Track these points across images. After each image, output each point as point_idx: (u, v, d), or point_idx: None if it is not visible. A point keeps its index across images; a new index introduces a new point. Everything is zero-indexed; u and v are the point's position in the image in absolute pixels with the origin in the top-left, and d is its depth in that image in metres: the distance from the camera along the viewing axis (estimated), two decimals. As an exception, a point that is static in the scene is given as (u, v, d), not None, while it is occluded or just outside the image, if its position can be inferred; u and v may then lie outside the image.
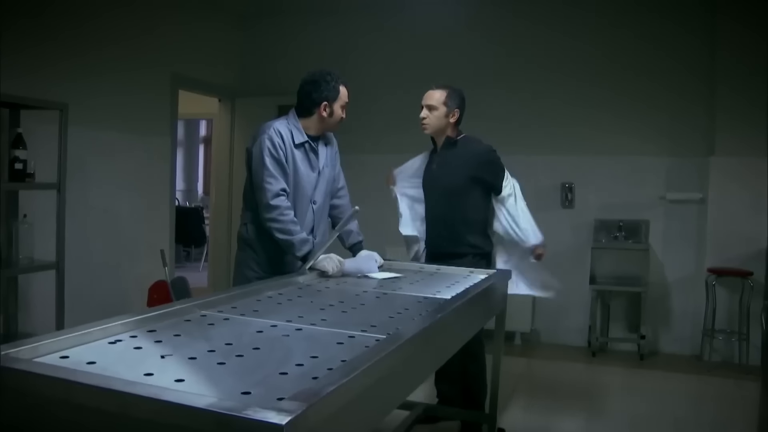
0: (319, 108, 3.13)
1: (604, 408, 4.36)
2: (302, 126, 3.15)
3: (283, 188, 3.02)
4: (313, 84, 3.12)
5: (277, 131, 3.05)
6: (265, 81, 6.68)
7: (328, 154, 3.33)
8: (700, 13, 5.46)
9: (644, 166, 5.65)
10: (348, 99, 3.23)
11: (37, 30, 4.37)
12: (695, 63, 5.50)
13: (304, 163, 3.16)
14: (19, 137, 3.89)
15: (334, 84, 3.13)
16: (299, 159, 3.13)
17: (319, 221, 3.27)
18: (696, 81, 5.49)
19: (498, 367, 3.37)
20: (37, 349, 1.55)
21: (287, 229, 2.97)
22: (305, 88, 3.14)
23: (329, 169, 3.33)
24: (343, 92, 3.18)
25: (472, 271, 3.32)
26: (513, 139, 5.96)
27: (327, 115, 3.15)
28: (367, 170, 6.42)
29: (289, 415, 1.13)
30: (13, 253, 4.07)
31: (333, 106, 3.15)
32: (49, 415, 1.33)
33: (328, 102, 3.13)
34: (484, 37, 6.05)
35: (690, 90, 5.51)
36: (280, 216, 2.97)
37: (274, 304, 2.33)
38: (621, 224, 5.60)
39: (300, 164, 3.13)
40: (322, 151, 3.28)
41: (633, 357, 5.47)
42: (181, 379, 1.42)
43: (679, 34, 5.53)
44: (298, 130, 3.14)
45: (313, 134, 3.20)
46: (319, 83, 3.11)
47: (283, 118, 3.19)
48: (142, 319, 1.89)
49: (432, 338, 1.99)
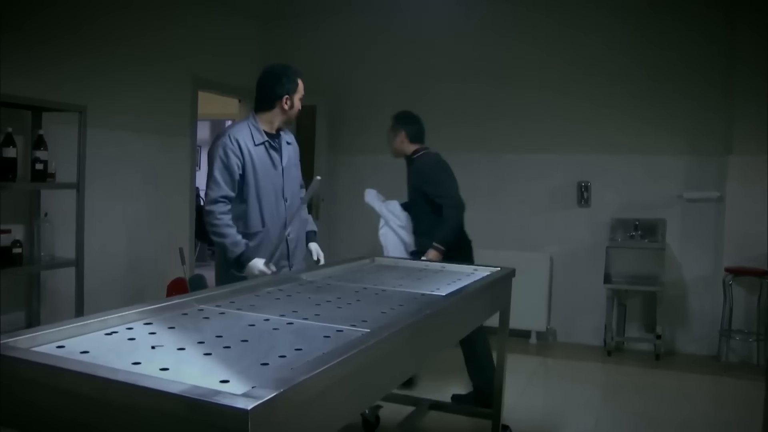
0: (281, 101, 3.27)
1: (617, 408, 4.37)
2: (263, 121, 3.29)
3: (223, 195, 3.15)
4: (274, 78, 3.28)
5: (233, 137, 3.18)
6: (285, 82, 6.76)
7: (291, 152, 3.43)
8: (719, 12, 5.42)
9: (661, 165, 5.63)
10: (303, 92, 3.34)
11: (58, 33, 4.51)
12: (713, 61, 5.46)
13: (265, 162, 3.26)
14: (40, 138, 4.02)
15: (294, 77, 3.28)
16: (258, 159, 3.23)
17: (293, 218, 3.33)
18: (714, 79, 5.46)
19: (503, 364, 3.40)
20: (35, 338, 1.64)
21: (220, 232, 3.12)
22: (267, 81, 3.30)
23: (295, 167, 3.46)
24: (300, 85, 3.31)
25: (476, 268, 3.36)
26: (529, 139, 6.00)
27: (288, 107, 3.29)
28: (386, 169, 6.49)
29: (255, 401, 1.19)
30: (35, 251, 4.21)
31: (293, 99, 3.29)
32: (41, 399, 1.42)
33: (289, 95, 3.27)
34: (499, 37, 6.07)
35: (708, 88, 5.48)
36: (214, 220, 3.12)
37: (272, 300, 2.40)
38: (637, 223, 5.59)
39: (259, 164, 3.23)
40: (285, 149, 3.39)
41: (649, 357, 5.45)
42: (166, 368, 1.48)
43: (697, 33, 5.50)
44: (258, 130, 3.26)
45: (273, 130, 3.32)
46: (280, 77, 3.27)
47: (244, 120, 3.33)
48: (140, 311, 1.97)
49: (418, 334, 2.04)
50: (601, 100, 5.77)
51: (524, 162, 6.03)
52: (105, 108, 4.78)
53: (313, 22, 6.75)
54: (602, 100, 5.76)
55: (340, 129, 6.66)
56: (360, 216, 6.53)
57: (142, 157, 5.31)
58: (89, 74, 4.73)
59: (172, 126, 5.71)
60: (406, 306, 2.35)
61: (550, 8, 5.88)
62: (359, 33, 6.60)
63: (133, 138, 5.19)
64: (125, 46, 5.07)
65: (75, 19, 4.64)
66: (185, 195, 5.91)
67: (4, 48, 4.10)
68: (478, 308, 2.89)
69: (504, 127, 6.09)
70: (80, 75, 4.65)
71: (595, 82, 5.77)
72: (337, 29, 6.67)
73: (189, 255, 5.77)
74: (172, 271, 5.14)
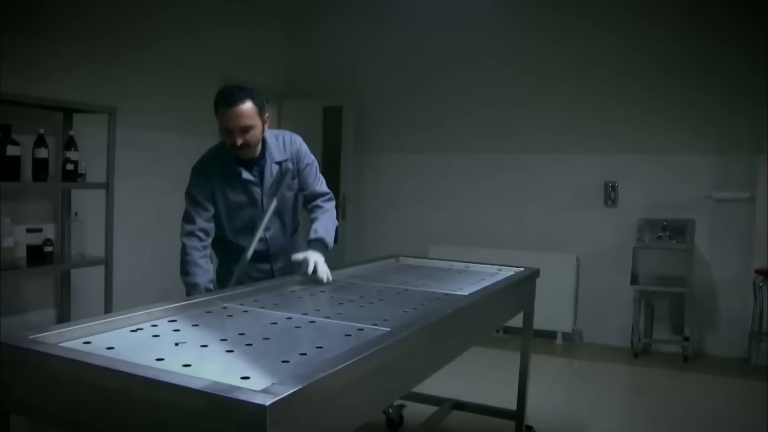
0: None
1: (643, 410, 4.32)
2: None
3: (194, 228, 2.77)
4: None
5: (201, 168, 2.87)
6: (312, 83, 6.82)
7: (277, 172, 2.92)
8: (750, 9, 5.33)
9: (690, 165, 5.55)
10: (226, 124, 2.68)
11: (88, 37, 4.59)
12: (743, 59, 5.36)
13: (236, 192, 2.86)
14: (71, 139, 4.10)
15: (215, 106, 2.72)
16: (229, 190, 2.85)
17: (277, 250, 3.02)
18: (744, 77, 5.36)
19: (526, 365, 3.39)
20: (63, 334, 1.69)
21: (184, 269, 2.75)
22: None
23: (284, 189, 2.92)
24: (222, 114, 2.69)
25: (500, 268, 3.36)
26: (554, 139, 5.97)
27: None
28: (411, 169, 6.52)
29: (273, 397, 1.21)
30: (66, 250, 4.30)
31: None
32: (67, 392, 1.46)
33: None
34: (525, 36, 6.05)
35: (738, 86, 5.38)
36: (184, 255, 2.76)
37: (296, 298, 2.42)
38: (665, 224, 5.52)
39: (230, 196, 2.86)
40: (267, 172, 2.89)
41: (677, 359, 5.38)
42: (188, 365, 1.52)
43: (726, 30, 5.40)
44: (228, 156, 2.83)
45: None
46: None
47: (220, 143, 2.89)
48: (165, 309, 2.01)
49: (439, 333, 2.05)
50: (629, 100, 5.70)
51: (550, 162, 6.00)
52: (133, 109, 4.85)
53: (338, 23, 6.78)
54: (630, 100, 5.70)
55: (365, 129, 6.68)
56: (385, 216, 6.58)
57: (170, 157, 5.37)
58: (118, 76, 4.81)
59: (200, 126, 5.76)
60: (428, 305, 2.36)
61: (576, 6, 5.83)
62: (384, 33, 6.62)
63: (161, 138, 5.26)
64: (153, 48, 5.14)
65: (104, 23, 4.72)
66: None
67: (35, 52, 4.19)
68: (501, 308, 2.89)
69: (530, 127, 6.07)
70: (109, 76, 4.73)
71: (623, 82, 5.71)
72: (362, 30, 6.69)
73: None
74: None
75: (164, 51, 5.26)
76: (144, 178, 5.08)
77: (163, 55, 5.24)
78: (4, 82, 3.87)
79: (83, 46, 4.54)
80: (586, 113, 5.85)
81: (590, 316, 5.88)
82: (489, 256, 5.09)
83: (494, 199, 6.24)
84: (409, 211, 6.55)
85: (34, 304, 4.31)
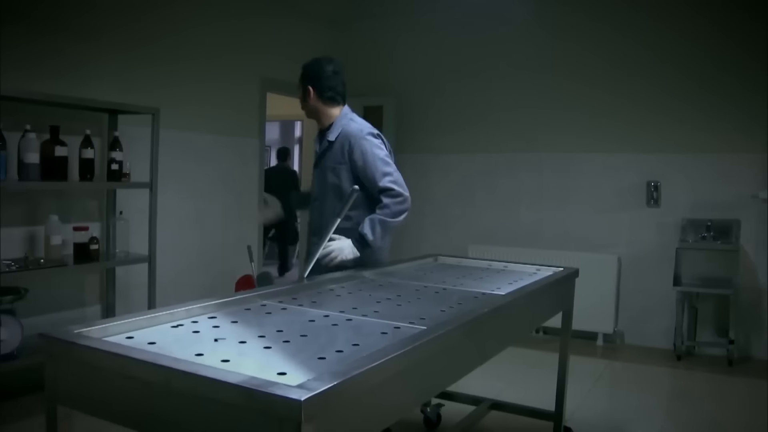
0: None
1: (685, 414, 4.25)
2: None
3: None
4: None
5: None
6: (352, 83, 6.78)
7: (330, 149, 3.14)
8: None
9: (736, 164, 5.42)
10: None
11: (133, 40, 4.69)
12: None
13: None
14: (116, 140, 4.19)
15: None
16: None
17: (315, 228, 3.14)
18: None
19: (565, 365, 3.36)
20: (107, 329, 1.73)
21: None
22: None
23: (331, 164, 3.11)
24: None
25: (539, 268, 3.34)
26: (596, 138, 5.90)
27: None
28: (452, 168, 6.51)
29: (308, 393, 1.23)
30: (111, 248, 4.40)
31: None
32: (110, 385, 1.51)
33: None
34: (567, 34, 5.99)
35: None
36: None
37: (333, 297, 2.45)
38: (709, 224, 5.41)
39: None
40: (320, 145, 3.24)
41: (721, 362, 5.27)
42: (227, 360, 1.55)
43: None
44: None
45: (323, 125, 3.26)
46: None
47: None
48: (205, 306, 2.05)
49: (476, 332, 2.05)
50: (673, 98, 5.61)
51: (592, 161, 5.93)
52: (177, 110, 4.94)
53: (378, 23, 6.81)
54: (674, 98, 5.60)
55: (406, 128, 6.69)
56: (426, 215, 6.58)
57: (212, 157, 5.46)
58: (162, 78, 4.91)
59: (242, 127, 5.86)
60: (465, 304, 2.36)
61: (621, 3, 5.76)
62: (424, 33, 6.63)
63: (203, 138, 5.35)
64: (196, 49, 5.23)
65: (149, 28, 4.82)
66: (254, 194, 6.05)
67: (83, 55, 4.31)
68: (538, 308, 2.88)
69: (571, 126, 6.01)
70: (153, 78, 4.83)
71: (667, 80, 5.61)
72: (402, 30, 6.71)
73: (257, 253, 5.90)
74: (240, 268, 5.26)
75: (207, 53, 5.34)
76: (186, 177, 5.18)
77: (206, 57, 5.33)
78: (52, 84, 3.99)
79: (129, 50, 4.64)
80: (628, 112, 5.76)
81: (632, 318, 5.80)
82: (529, 256, 5.08)
83: (535, 198, 6.19)
84: (449, 210, 6.55)
85: (80, 300, 4.43)
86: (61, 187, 4.08)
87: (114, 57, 4.53)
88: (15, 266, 3.64)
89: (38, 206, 4.10)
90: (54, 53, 4.12)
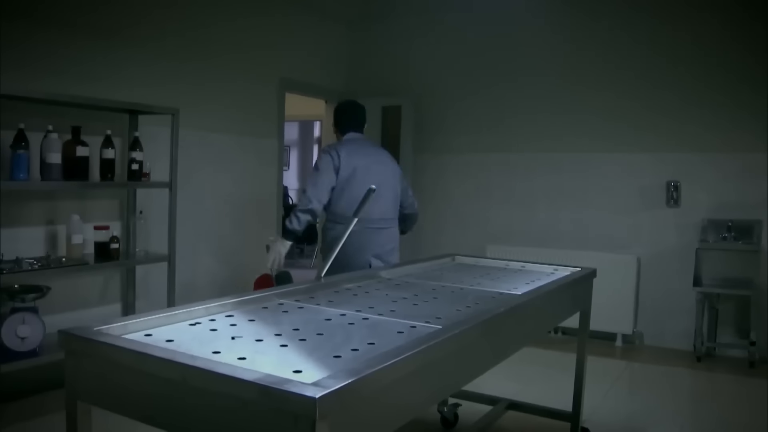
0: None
1: (705, 416, 4.21)
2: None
3: None
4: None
5: None
6: (371, 83, 6.87)
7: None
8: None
9: (757, 164, 5.36)
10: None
11: (153, 41, 4.74)
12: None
13: None
14: (136, 140, 4.24)
15: None
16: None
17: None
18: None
19: (582, 365, 3.35)
20: (126, 327, 1.76)
21: None
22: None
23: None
24: None
25: (556, 268, 3.33)
26: (615, 138, 5.86)
27: None
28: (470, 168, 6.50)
29: (323, 390, 1.24)
30: (131, 247, 4.45)
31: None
32: (128, 382, 1.53)
33: None
34: (585, 34, 5.96)
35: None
36: None
37: (350, 296, 2.46)
38: (730, 224, 5.36)
39: None
40: None
41: (742, 364, 5.21)
42: (243, 357, 1.56)
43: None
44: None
45: None
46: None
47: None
48: (223, 304, 2.07)
49: (492, 331, 2.05)
50: (692, 97, 5.55)
51: (611, 162, 5.89)
52: (196, 110, 4.98)
53: (397, 23, 6.81)
54: (693, 97, 5.55)
55: (424, 129, 6.70)
56: (444, 215, 6.58)
57: (232, 157, 5.50)
58: (181, 78, 4.95)
59: (260, 127, 5.89)
60: (481, 304, 2.37)
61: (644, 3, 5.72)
62: (442, 33, 6.62)
63: (222, 139, 5.39)
64: (215, 50, 5.27)
65: (168, 28, 4.86)
66: (273, 194, 6.08)
67: (105, 56, 4.36)
68: (555, 308, 2.87)
69: (590, 127, 5.97)
70: (173, 79, 4.87)
71: (688, 80, 5.57)
72: (421, 30, 6.71)
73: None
74: (260, 268, 5.29)
75: (226, 54, 5.38)
76: (205, 177, 5.22)
77: (226, 57, 5.37)
78: (73, 85, 4.04)
79: (149, 50, 4.69)
80: (647, 111, 5.72)
81: (651, 319, 5.75)
82: (548, 256, 5.05)
83: (553, 198, 6.17)
84: (467, 210, 6.54)
85: (101, 299, 4.48)
86: (82, 186, 4.13)
87: (135, 58, 4.58)
88: (37, 265, 3.69)
89: (60, 206, 4.15)
90: (75, 55, 4.18)
